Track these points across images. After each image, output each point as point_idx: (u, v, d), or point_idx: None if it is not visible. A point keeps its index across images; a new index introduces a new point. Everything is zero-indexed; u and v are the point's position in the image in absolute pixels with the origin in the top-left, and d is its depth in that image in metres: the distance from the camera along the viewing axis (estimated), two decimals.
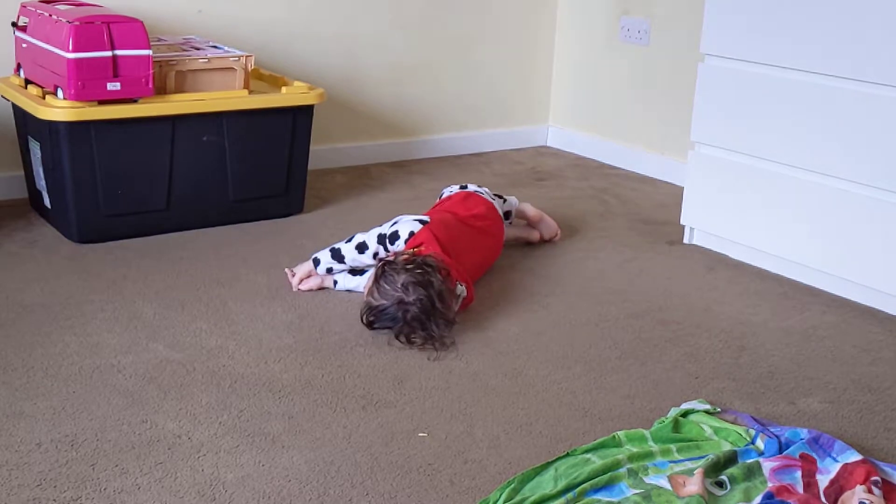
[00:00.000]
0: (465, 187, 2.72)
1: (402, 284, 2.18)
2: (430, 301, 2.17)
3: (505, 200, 2.80)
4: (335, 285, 2.48)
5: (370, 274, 2.33)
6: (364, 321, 2.23)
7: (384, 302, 2.19)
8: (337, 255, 2.43)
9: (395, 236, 2.39)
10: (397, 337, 2.19)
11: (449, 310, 2.20)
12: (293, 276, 2.48)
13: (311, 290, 2.46)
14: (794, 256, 2.66)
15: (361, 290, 2.43)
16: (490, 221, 2.60)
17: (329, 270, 2.46)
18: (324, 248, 2.46)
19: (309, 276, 2.47)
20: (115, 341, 2.16)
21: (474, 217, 2.56)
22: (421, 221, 2.42)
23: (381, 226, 2.44)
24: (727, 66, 2.74)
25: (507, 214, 2.80)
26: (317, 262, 2.45)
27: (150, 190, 2.76)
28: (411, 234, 2.37)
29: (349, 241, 2.43)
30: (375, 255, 2.39)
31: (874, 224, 2.45)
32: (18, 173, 3.00)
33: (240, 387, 1.99)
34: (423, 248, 2.32)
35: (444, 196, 2.74)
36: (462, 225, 2.51)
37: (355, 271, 2.47)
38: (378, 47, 3.61)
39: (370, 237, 2.41)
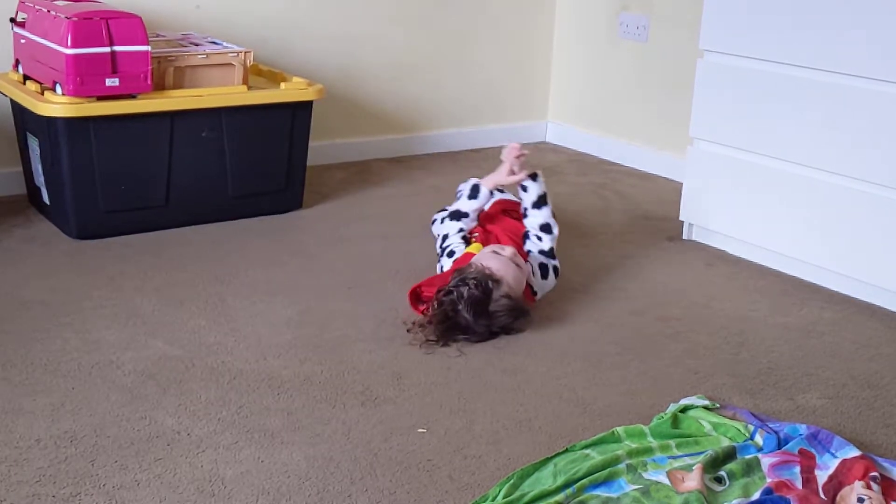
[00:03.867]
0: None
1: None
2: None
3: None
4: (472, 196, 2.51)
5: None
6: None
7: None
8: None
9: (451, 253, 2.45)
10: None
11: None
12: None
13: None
14: (793, 252, 2.66)
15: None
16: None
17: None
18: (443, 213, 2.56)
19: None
20: (114, 338, 2.16)
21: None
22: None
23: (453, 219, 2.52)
24: (726, 63, 2.74)
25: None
26: (534, 176, 2.47)
27: (149, 186, 2.75)
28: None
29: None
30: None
31: (873, 220, 2.45)
32: (17, 169, 3.00)
33: (239, 383, 1.99)
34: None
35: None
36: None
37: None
38: (377, 43, 3.61)
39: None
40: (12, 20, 2.83)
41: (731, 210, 2.79)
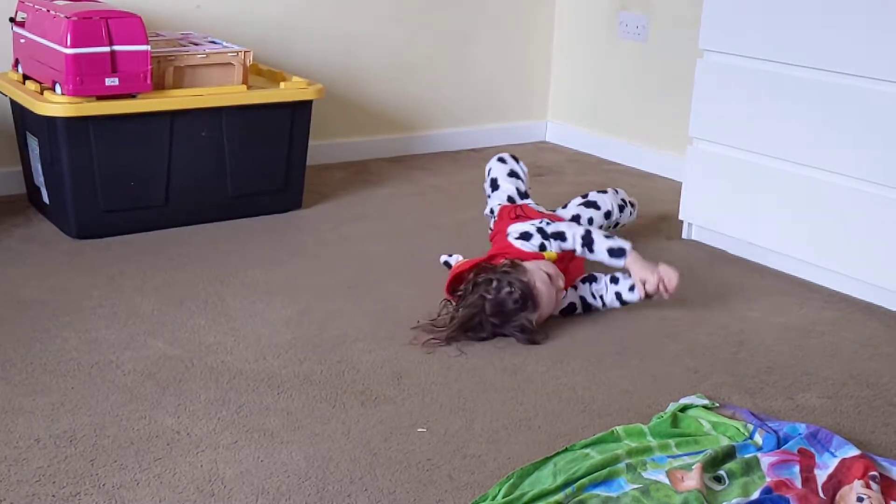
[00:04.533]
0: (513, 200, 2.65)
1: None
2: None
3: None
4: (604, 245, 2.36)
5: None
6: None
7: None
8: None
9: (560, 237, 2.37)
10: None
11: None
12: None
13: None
14: (792, 252, 2.66)
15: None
16: None
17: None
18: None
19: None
20: (113, 337, 2.16)
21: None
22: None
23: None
24: (725, 62, 2.74)
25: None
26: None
27: (149, 185, 2.75)
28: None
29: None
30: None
31: (872, 219, 2.45)
32: (16, 169, 3.00)
33: (238, 382, 1.99)
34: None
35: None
36: None
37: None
38: (377, 43, 3.61)
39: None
40: (12, 20, 2.83)
41: (730, 209, 2.79)
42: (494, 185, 2.71)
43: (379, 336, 2.22)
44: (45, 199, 2.80)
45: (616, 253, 2.33)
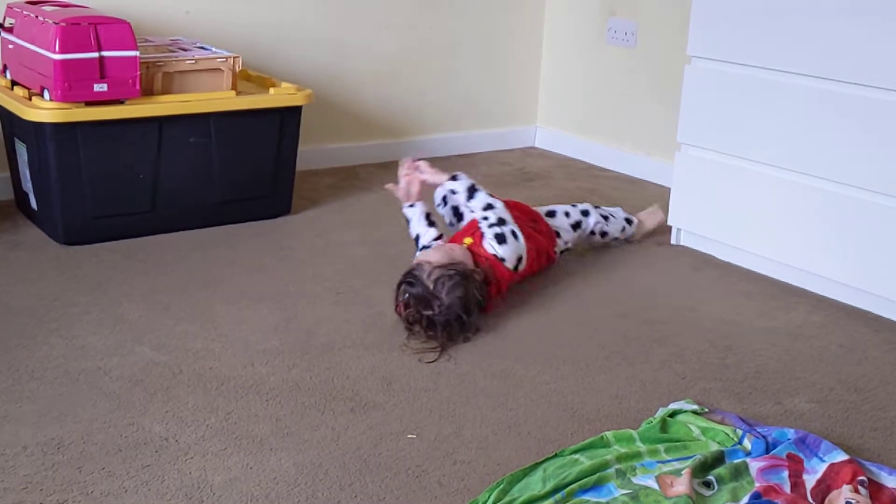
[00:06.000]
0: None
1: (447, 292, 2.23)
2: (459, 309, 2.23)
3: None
4: (409, 224, 2.60)
5: (436, 245, 2.47)
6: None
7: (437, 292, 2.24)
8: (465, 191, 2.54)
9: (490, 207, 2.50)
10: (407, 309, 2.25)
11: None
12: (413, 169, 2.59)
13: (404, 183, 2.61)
14: (780, 257, 2.67)
15: (419, 241, 2.55)
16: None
17: (444, 200, 2.69)
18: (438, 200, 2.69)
19: (421, 179, 2.59)
20: (100, 343, 2.15)
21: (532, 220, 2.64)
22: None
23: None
24: (713, 68, 2.75)
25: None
26: (455, 178, 2.55)
27: (137, 191, 2.75)
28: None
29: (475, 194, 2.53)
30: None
31: (860, 224, 2.46)
32: (4, 175, 2.99)
33: (227, 389, 1.98)
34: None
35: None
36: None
37: (432, 223, 2.57)
38: (366, 48, 3.61)
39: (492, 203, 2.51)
40: (0, 25, 2.82)
41: (718, 215, 2.80)
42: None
43: (367, 342, 2.21)
44: (33, 204, 2.79)
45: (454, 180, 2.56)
